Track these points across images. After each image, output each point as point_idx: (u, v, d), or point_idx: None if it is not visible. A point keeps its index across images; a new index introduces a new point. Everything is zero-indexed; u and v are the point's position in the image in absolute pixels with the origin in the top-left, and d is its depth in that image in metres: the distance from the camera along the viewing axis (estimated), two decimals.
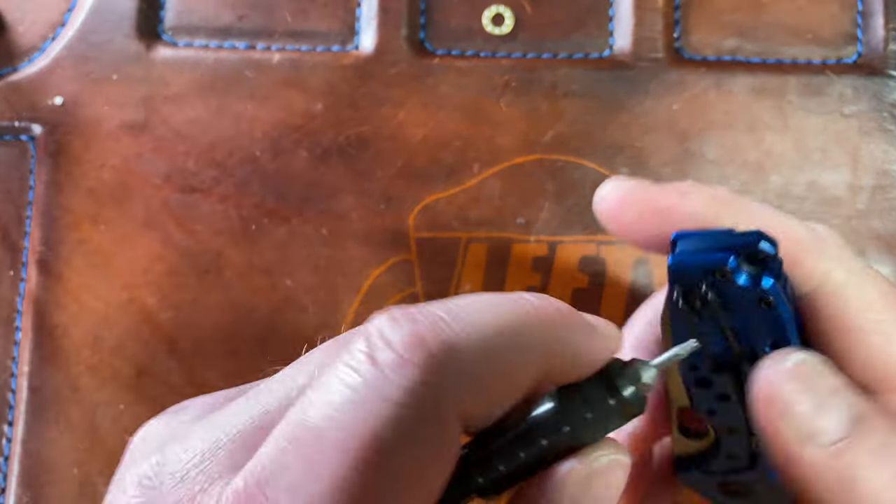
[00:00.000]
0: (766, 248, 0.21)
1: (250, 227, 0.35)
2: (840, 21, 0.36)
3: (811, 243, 0.22)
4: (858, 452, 0.20)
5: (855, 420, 0.21)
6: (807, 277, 0.22)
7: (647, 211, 0.23)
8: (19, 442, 0.33)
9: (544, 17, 0.36)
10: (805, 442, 0.21)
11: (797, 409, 0.21)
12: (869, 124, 0.35)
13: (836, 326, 0.22)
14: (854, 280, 0.22)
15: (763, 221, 0.22)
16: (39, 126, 0.35)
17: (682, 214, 0.22)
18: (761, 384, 0.22)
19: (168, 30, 0.36)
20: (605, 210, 0.24)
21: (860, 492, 0.20)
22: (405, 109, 0.35)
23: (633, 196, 0.23)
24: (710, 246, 0.22)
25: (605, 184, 0.24)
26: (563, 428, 0.19)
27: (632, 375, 0.20)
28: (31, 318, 0.34)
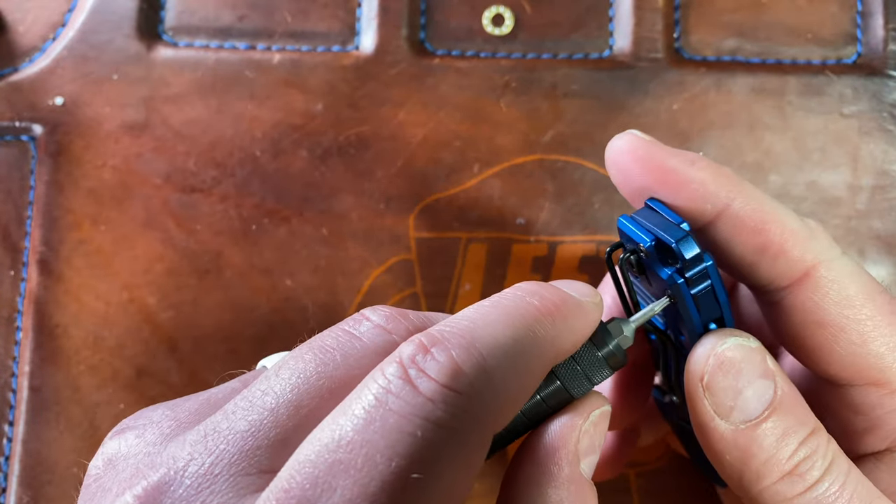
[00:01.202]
0: (681, 250, 0.22)
1: (250, 227, 0.35)
2: (840, 21, 0.36)
3: (799, 235, 0.23)
4: (764, 434, 0.22)
5: (771, 404, 0.22)
6: (790, 268, 0.23)
7: (655, 168, 0.23)
8: (20, 442, 0.33)
9: (544, 18, 0.36)
10: (718, 416, 0.22)
11: (717, 387, 0.22)
12: (869, 124, 0.35)
13: (814, 320, 0.23)
14: (837, 276, 0.23)
15: (758, 205, 0.23)
16: (40, 126, 0.35)
17: (685, 180, 0.23)
18: (694, 357, 0.23)
19: (168, 30, 0.36)
20: (615, 158, 0.24)
21: (755, 470, 0.22)
22: (405, 109, 0.35)
23: (645, 151, 0.23)
24: (655, 225, 0.23)
25: (620, 135, 0.24)
26: (555, 382, 0.21)
27: (614, 331, 0.22)
28: (32, 318, 0.34)
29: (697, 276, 0.22)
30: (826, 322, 0.23)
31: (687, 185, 0.23)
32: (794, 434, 0.22)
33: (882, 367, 0.23)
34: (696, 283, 0.22)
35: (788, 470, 0.22)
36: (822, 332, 0.23)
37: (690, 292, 0.22)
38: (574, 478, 0.21)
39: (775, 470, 0.22)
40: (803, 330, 0.23)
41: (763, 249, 0.23)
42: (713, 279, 0.22)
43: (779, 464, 0.22)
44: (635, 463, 0.34)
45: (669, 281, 0.22)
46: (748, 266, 0.23)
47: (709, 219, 0.23)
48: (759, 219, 0.23)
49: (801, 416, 0.22)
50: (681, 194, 0.23)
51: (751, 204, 0.23)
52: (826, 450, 0.22)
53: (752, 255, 0.23)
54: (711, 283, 0.23)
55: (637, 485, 0.34)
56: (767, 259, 0.23)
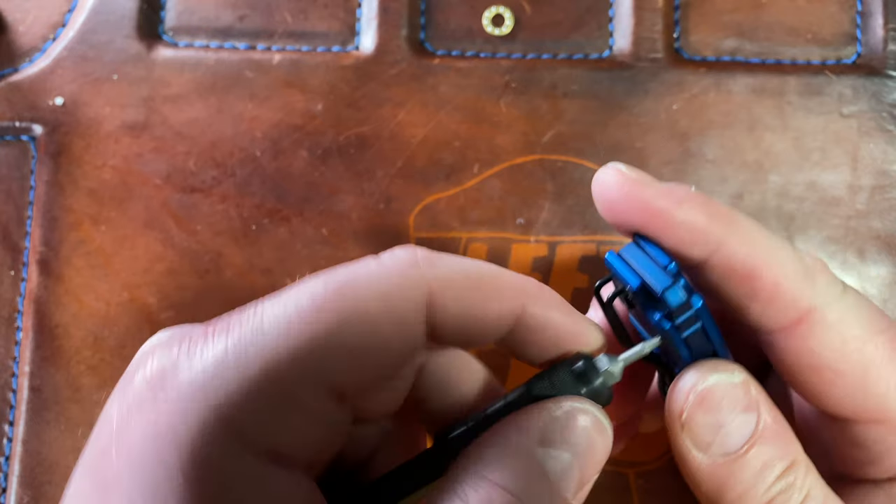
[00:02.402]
0: (667, 299, 0.21)
1: (250, 227, 0.35)
2: (839, 21, 0.36)
3: (794, 279, 0.22)
4: (741, 467, 0.22)
5: (752, 438, 0.22)
6: (783, 314, 0.22)
7: (641, 209, 0.22)
8: (20, 442, 0.33)
9: (544, 18, 0.36)
10: (696, 448, 0.22)
11: (696, 423, 0.22)
12: (868, 124, 0.35)
13: (810, 364, 0.22)
14: (834, 320, 0.22)
15: (749, 249, 0.22)
16: (40, 126, 0.35)
17: (673, 223, 0.22)
18: (674, 393, 0.22)
19: (168, 30, 0.36)
20: (601, 194, 0.23)
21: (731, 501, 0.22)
22: (405, 109, 0.35)
23: (631, 189, 0.23)
24: (643, 266, 0.22)
25: (607, 168, 0.23)
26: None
27: (600, 368, 0.22)
28: (32, 318, 0.34)
29: (686, 320, 0.22)
30: (822, 366, 0.22)
31: (674, 228, 0.22)
32: (772, 467, 0.22)
33: (885, 408, 0.22)
34: (686, 327, 0.22)
35: (765, 502, 0.22)
36: (819, 375, 0.22)
37: (680, 336, 0.22)
38: (520, 448, 0.21)
39: (751, 502, 0.22)
40: (799, 372, 0.22)
41: (753, 295, 0.22)
42: (704, 320, 0.22)
43: (755, 497, 0.22)
44: (635, 463, 0.34)
45: (658, 325, 0.22)
46: (740, 309, 0.22)
47: (697, 261, 0.22)
48: (749, 264, 0.22)
49: (781, 448, 0.22)
50: (668, 236, 0.22)
51: (742, 248, 0.22)
52: (804, 482, 0.22)
53: (743, 299, 0.22)
54: (702, 325, 0.22)
55: (637, 485, 0.34)
56: (758, 304, 0.22)
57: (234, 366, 0.19)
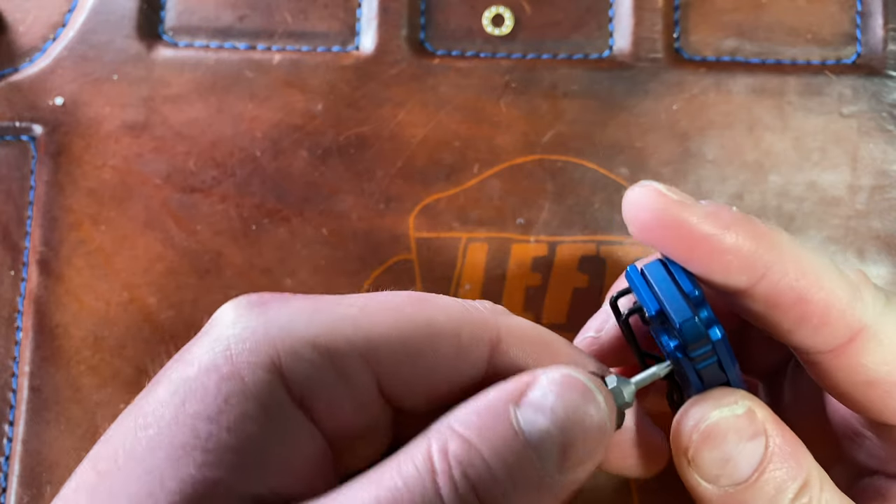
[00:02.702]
0: (683, 333, 0.21)
1: (250, 227, 0.35)
2: (839, 21, 0.36)
3: (843, 301, 0.21)
4: (753, 496, 0.21)
5: (761, 464, 0.21)
6: (834, 337, 0.21)
7: (684, 235, 0.21)
8: (20, 442, 0.33)
9: (544, 18, 0.36)
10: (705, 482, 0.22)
11: (702, 460, 0.22)
12: (868, 124, 0.35)
13: (863, 380, 0.22)
14: (885, 335, 0.21)
15: (799, 273, 0.21)
16: (40, 126, 0.35)
17: (719, 250, 0.21)
18: (677, 431, 0.22)
19: (168, 30, 0.36)
20: (635, 216, 0.22)
21: None
22: (405, 109, 0.35)
23: (672, 214, 0.21)
24: (664, 291, 0.21)
25: (642, 186, 0.22)
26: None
27: (612, 391, 0.21)
28: (32, 318, 0.34)
29: (703, 355, 0.21)
30: (877, 381, 0.22)
31: (720, 257, 0.21)
32: (785, 491, 0.21)
33: None
34: (701, 360, 0.21)
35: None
36: (874, 389, 0.22)
37: (694, 367, 0.22)
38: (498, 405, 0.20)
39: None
40: (852, 388, 0.22)
41: (803, 320, 0.21)
42: (721, 354, 0.21)
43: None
44: None
45: (671, 354, 0.22)
46: (786, 332, 0.22)
47: (741, 289, 0.21)
48: (798, 289, 0.21)
49: (793, 468, 0.22)
50: (712, 265, 0.21)
51: (790, 273, 0.21)
52: (819, 499, 0.22)
53: (791, 325, 0.21)
54: (717, 360, 0.22)
55: (637, 485, 0.34)
56: (808, 329, 0.21)
57: (312, 320, 0.21)
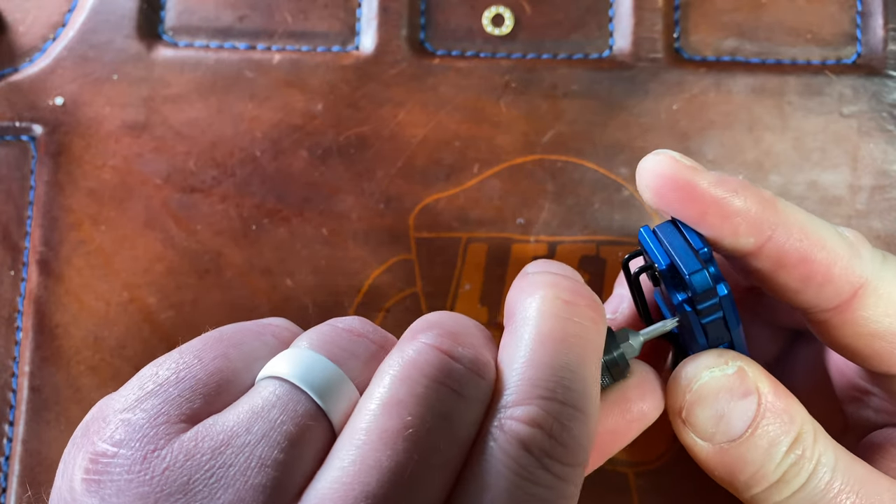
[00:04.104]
0: (693, 283, 0.22)
1: (250, 227, 0.35)
2: (839, 21, 0.36)
3: (844, 258, 0.22)
4: (748, 450, 0.22)
5: (754, 420, 0.22)
6: (838, 293, 0.22)
7: (696, 199, 0.22)
8: (20, 442, 0.33)
9: (544, 18, 0.36)
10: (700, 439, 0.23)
11: (695, 419, 0.22)
12: (868, 124, 0.35)
13: (868, 332, 0.23)
14: (886, 289, 0.22)
15: (802, 234, 0.22)
16: (40, 126, 0.35)
17: (728, 213, 0.22)
18: (671, 389, 0.23)
19: (169, 30, 0.36)
20: (650, 182, 0.23)
21: (744, 481, 0.22)
22: (405, 109, 0.35)
23: (685, 178, 0.22)
24: (675, 247, 0.22)
25: (657, 154, 0.23)
26: None
27: (621, 342, 0.22)
28: (32, 318, 0.34)
29: (709, 308, 0.22)
30: (880, 333, 0.23)
31: (730, 219, 0.22)
32: (778, 444, 0.22)
33: None
34: (707, 314, 0.22)
35: (776, 479, 0.22)
36: (878, 342, 0.23)
37: (700, 321, 0.22)
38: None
39: (763, 481, 0.22)
40: (857, 341, 0.23)
41: (808, 278, 0.22)
42: (726, 310, 0.22)
43: (766, 476, 0.22)
44: (635, 463, 0.34)
45: (679, 308, 0.22)
46: (792, 292, 0.23)
47: (749, 251, 0.22)
48: (803, 249, 0.22)
49: (786, 422, 0.22)
50: (722, 227, 0.22)
51: (794, 234, 0.22)
52: (812, 451, 0.22)
53: (797, 284, 0.22)
54: (722, 315, 0.22)
55: (637, 485, 0.34)
56: (813, 286, 0.22)
57: None
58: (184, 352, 0.21)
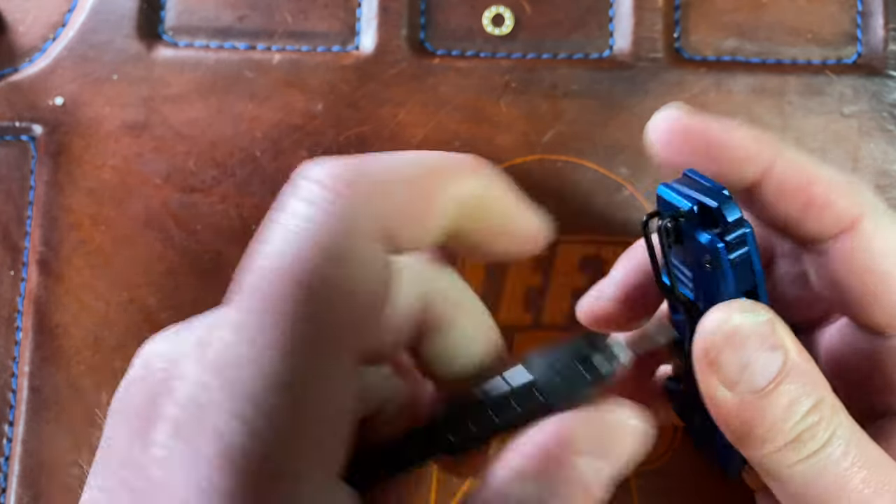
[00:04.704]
0: (723, 212, 0.22)
1: (250, 227, 0.35)
2: (840, 21, 0.36)
3: (844, 187, 0.23)
4: (768, 404, 0.22)
5: (777, 376, 0.22)
6: (837, 219, 0.23)
7: (697, 136, 0.24)
8: (20, 442, 0.33)
9: (544, 18, 0.36)
10: (724, 387, 0.23)
11: (723, 361, 0.22)
12: (869, 124, 0.35)
13: (862, 266, 0.23)
14: (883, 225, 0.23)
15: (800, 163, 0.23)
16: (40, 126, 0.35)
17: (729, 145, 0.24)
18: (701, 329, 0.23)
19: (168, 30, 0.36)
20: (658, 133, 0.25)
21: (759, 437, 0.22)
22: (405, 109, 0.35)
23: (687, 120, 0.24)
24: (695, 192, 0.23)
25: (661, 110, 0.25)
26: (538, 397, 0.21)
27: (608, 353, 0.22)
28: (32, 318, 0.34)
29: (737, 240, 0.22)
30: (874, 269, 0.23)
31: (730, 151, 0.24)
32: (798, 404, 0.22)
33: None
34: (735, 248, 0.23)
35: (791, 439, 0.22)
36: (871, 278, 0.23)
37: (729, 257, 0.23)
38: (562, 465, 0.21)
39: (779, 438, 0.22)
40: (850, 278, 0.24)
41: (809, 204, 0.23)
42: (750, 246, 0.23)
43: (782, 433, 0.22)
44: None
45: (710, 245, 0.23)
46: (794, 221, 0.24)
47: (752, 181, 0.24)
48: (803, 176, 0.23)
49: (808, 385, 0.22)
50: (724, 159, 0.24)
51: (794, 163, 0.23)
52: (830, 420, 0.22)
53: (798, 210, 0.23)
54: (749, 251, 0.23)
55: (637, 485, 0.34)
56: (814, 213, 0.23)
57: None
58: None
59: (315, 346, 0.18)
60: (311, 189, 0.19)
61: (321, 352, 0.18)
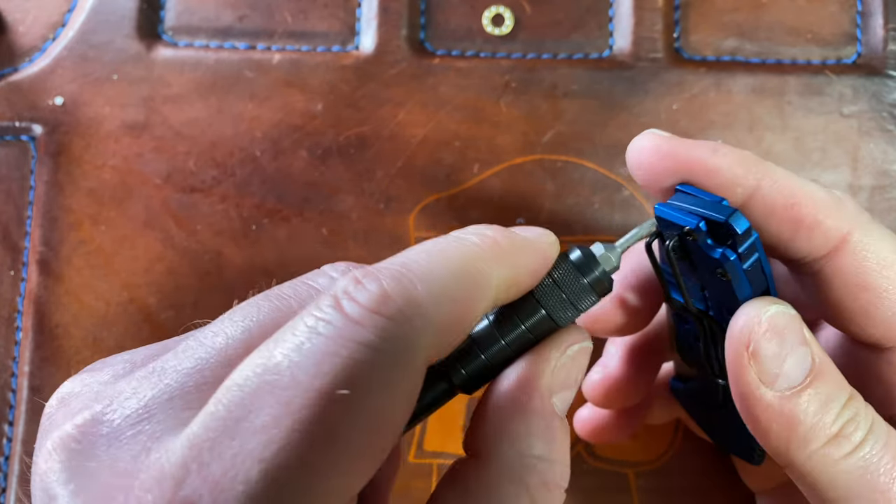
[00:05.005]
0: (733, 225, 0.22)
1: (250, 227, 0.35)
2: (839, 21, 0.36)
3: (831, 205, 0.23)
4: (808, 400, 0.22)
5: (811, 372, 0.22)
6: (827, 237, 0.23)
7: (679, 162, 0.24)
8: (19, 442, 0.33)
9: (544, 18, 0.36)
10: (763, 384, 0.22)
11: (763, 353, 0.22)
12: (868, 124, 0.35)
13: (856, 283, 0.23)
14: (872, 240, 0.23)
15: (786, 182, 0.23)
16: (40, 126, 0.35)
17: (710, 169, 0.23)
18: (737, 325, 0.23)
19: (168, 30, 0.36)
20: (638, 157, 0.24)
21: (802, 436, 0.22)
22: (405, 109, 0.35)
23: (668, 146, 0.24)
24: (697, 207, 0.23)
25: (641, 134, 0.25)
26: (540, 310, 0.22)
27: (599, 257, 0.22)
28: (32, 318, 0.34)
29: (748, 249, 0.22)
30: (867, 285, 0.23)
31: (714, 174, 0.23)
32: (835, 399, 0.22)
33: None
34: (747, 258, 0.23)
35: (834, 433, 0.22)
36: (865, 295, 0.23)
37: (743, 267, 0.23)
38: (544, 411, 0.21)
39: (821, 434, 0.22)
40: (845, 295, 0.23)
41: (798, 224, 0.23)
42: (759, 252, 0.23)
43: (825, 428, 0.22)
44: (635, 463, 0.34)
45: (723, 259, 0.23)
46: (785, 241, 0.24)
47: (739, 203, 0.23)
48: (789, 195, 0.23)
49: (839, 381, 0.22)
50: (709, 183, 0.23)
51: (779, 183, 0.23)
52: (866, 412, 0.22)
53: (788, 231, 0.23)
54: (759, 256, 0.23)
55: (637, 485, 0.34)
56: (803, 232, 0.23)
57: None
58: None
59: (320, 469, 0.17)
60: (360, 314, 0.18)
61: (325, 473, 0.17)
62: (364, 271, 0.19)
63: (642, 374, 0.30)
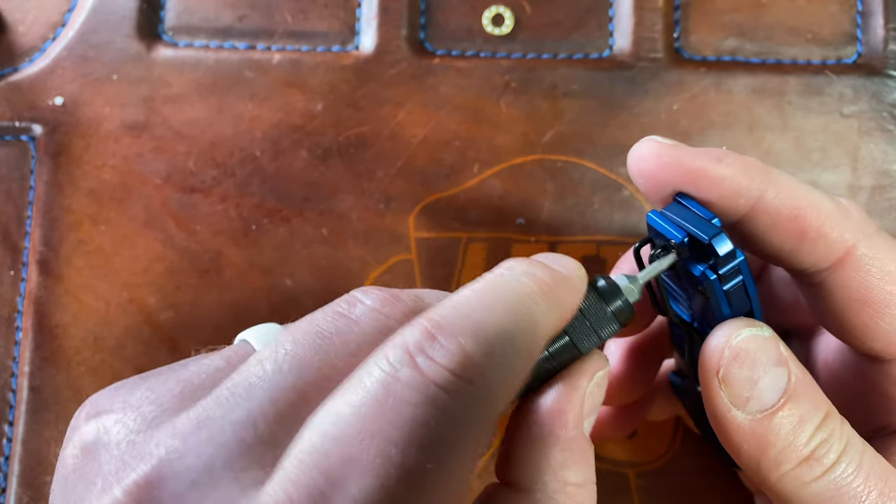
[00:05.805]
0: (714, 247, 0.22)
1: (250, 227, 0.35)
2: (840, 21, 0.36)
3: (835, 216, 0.23)
4: (780, 422, 0.22)
5: (785, 392, 0.22)
6: (830, 249, 0.23)
7: (682, 171, 0.23)
8: (20, 442, 0.33)
9: (544, 18, 0.36)
10: (734, 407, 0.22)
11: (733, 378, 0.22)
12: (869, 124, 0.35)
13: (858, 298, 0.23)
14: (876, 253, 0.23)
15: (791, 192, 0.23)
16: (40, 126, 0.35)
17: (715, 179, 0.23)
18: (708, 350, 0.23)
19: (168, 30, 0.36)
20: (639, 165, 0.24)
21: (773, 458, 0.22)
22: (405, 109, 0.35)
23: (670, 154, 0.23)
24: (686, 222, 0.23)
25: (642, 141, 0.24)
26: (565, 337, 0.22)
27: (623, 288, 0.23)
28: (32, 318, 0.34)
29: (730, 272, 0.22)
30: (870, 299, 0.23)
31: (718, 184, 0.23)
32: (809, 420, 0.22)
33: None
34: (729, 279, 0.22)
35: (806, 455, 0.22)
36: (867, 309, 0.23)
37: (723, 288, 0.23)
38: (578, 438, 0.21)
39: (793, 456, 0.22)
40: (847, 309, 0.23)
41: (802, 235, 0.23)
42: (744, 274, 0.23)
43: (796, 450, 0.22)
44: (635, 463, 0.34)
45: (702, 277, 0.22)
46: (788, 252, 0.23)
47: (743, 212, 0.23)
48: (793, 206, 0.23)
49: (815, 401, 0.22)
50: (712, 193, 0.23)
51: (783, 192, 0.23)
52: (841, 433, 0.22)
53: (791, 241, 0.23)
54: (743, 279, 0.23)
55: (637, 485, 0.34)
56: (807, 244, 0.23)
57: None
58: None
59: None
60: (444, 378, 0.17)
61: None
62: (435, 324, 0.18)
63: (642, 370, 0.30)
